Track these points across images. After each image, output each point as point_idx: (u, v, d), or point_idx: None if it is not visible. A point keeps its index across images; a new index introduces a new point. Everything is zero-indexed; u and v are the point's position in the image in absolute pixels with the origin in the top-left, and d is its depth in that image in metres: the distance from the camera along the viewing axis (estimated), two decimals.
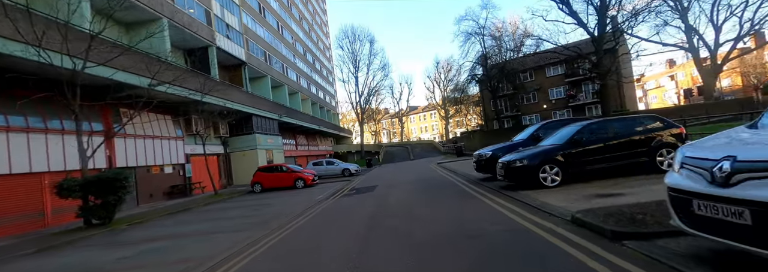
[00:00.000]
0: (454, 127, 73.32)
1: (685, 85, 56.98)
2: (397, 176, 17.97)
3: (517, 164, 7.51)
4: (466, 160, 22.36)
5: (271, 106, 28.26)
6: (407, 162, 34.05)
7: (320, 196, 13.02)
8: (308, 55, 52.40)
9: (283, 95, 38.72)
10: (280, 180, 17.20)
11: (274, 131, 28.48)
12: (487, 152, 10.00)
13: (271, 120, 28.02)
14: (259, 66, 32.34)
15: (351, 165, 23.64)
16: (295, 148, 39.45)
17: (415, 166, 25.34)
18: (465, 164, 18.66)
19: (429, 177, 14.69)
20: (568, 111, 35.77)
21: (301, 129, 40.17)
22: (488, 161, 9.79)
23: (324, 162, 23.70)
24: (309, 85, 50.33)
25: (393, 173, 21.01)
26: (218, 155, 23.14)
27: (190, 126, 19.68)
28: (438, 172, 16.93)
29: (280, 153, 28.73)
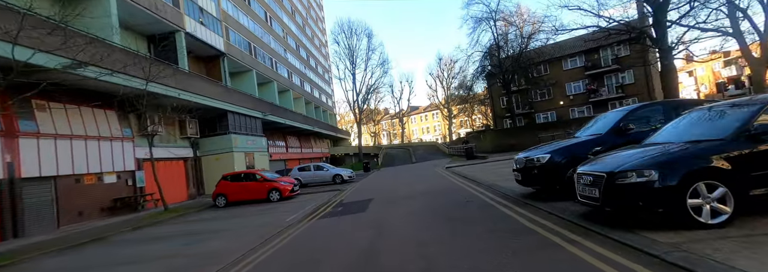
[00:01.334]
0: (458, 127, 69.66)
1: (706, 81, 53.39)
2: (398, 185, 14.30)
3: (637, 179, 3.80)
4: (480, 164, 18.69)
5: (253, 103, 24.63)
6: (409, 166, 30.37)
7: (292, 217, 9.34)
8: (301, 51, 48.86)
9: (271, 92, 35.11)
10: (249, 191, 13.54)
11: (257, 131, 24.83)
12: (542, 155, 6.31)
13: (252, 118, 24.37)
14: (243, 59, 28.75)
15: (343, 171, 19.98)
16: (285, 151, 35.79)
17: (419, 171, 21.66)
18: (484, 169, 14.96)
19: (442, 189, 10.99)
20: (588, 107, 32.11)
21: (292, 129, 36.54)
22: (545, 170, 6.11)
23: (312, 167, 20.05)
24: (302, 82, 46.75)
25: (393, 180, 17.33)
26: (185, 159, 19.47)
27: (144, 124, 16.03)
28: (450, 180, 13.24)
29: (264, 157, 25.06)
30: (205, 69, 25.74)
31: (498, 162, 17.79)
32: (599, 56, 31.36)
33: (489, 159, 19.82)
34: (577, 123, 22.97)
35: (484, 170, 14.75)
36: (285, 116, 31.57)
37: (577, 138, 6.76)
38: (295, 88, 42.55)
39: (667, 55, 12.76)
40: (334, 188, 16.52)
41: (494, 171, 13.68)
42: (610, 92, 30.88)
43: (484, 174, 12.79)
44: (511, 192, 8.03)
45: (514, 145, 24.43)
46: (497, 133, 29.73)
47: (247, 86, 29.95)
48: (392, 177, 19.27)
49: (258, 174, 13.82)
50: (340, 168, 20.57)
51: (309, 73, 51.28)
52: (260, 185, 13.47)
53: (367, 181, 18.97)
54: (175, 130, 19.08)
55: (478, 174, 13.47)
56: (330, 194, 14.10)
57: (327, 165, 20.57)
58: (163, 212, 12.84)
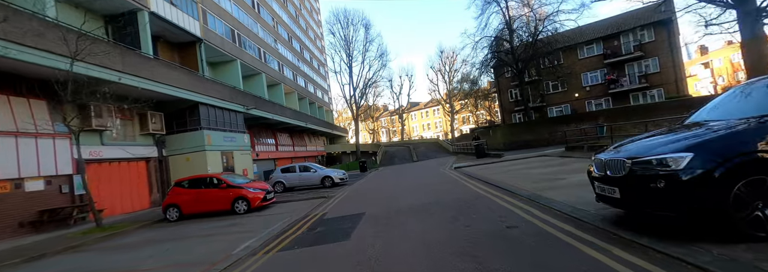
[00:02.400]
0: (460, 123, 66.73)
1: (724, 73, 50.41)
2: (399, 191, 11.38)
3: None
4: (496, 164, 15.75)
5: (233, 95, 21.66)
6: (411, 166, 27.44)
7: (245, 245, 6.44)
8: (294, 42, 45.82)
9: (258, 85, 32.12)
10: (209, 200, 10.62)
11: (238, 127, 21.88)
12: (674, 155, 3.24)
13: (232, 112, 21.41)
14: (224, 46, 25.76)
15: (334, 172, 17.05)
16: (274, 149, 32.87)
17: (422, 171, 18.75)
18: (505, 170, 11.99)
19: (459, 200, 8.04)
20: (607, 100, 29.16)
21: (283, 126, 33.60)
22: (686, 184, 3.08)
23: (297, 168, 17.11)
24: (295, 75, 43.75)
25: (393, 184, 14.41)
26: (147, 160, 16.53)
27: (87, 117, 13.09)
28: (466, 185, 10.31)
29: (246, 156, 22.12)
30: (179, 57, 22.77)
31: (518, 162, 14.87)
32: (619, 43, 28.37)
33: (505, 158, 16.88)
34: (605, 115, 20.07)
35: (506, 172, 11.82)
36: (273, 111, 28.61)
37: (702, 128, 3.66)
38: (287, 82, 39.56)
39: (759, 20, 9.74)
40: (321, 194, 13.59)
41: (522, 173, 10.76)
42: (633, 82, 27.91)
43: (511, 178, 9.86)
44: (574, 211, 5.09)
45: (529, 141, 21.56)
46: (510, 127, 26.67)
47: (231, 77, 27.00)
48: (392, 180, 16.36)
49: (218, 179, 10.84)
50: (330, 169, 17.66)
51: (303, 67, 48.27)
52: (222, 193, 10.53)
53: (362, 185, 16.05)
54: (134, 125, 16.13)
55: (501, 177, 10.54)
56: (313, 203, 11.17)
57: (315, 165, 17.65)
58: (93, 229, 9.90)
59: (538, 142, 21.14)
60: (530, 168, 11.63)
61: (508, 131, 24.72)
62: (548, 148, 18.63)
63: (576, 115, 22.27)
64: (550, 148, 18.46)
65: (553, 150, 16.81)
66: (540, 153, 16.71)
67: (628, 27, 27.76)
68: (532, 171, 10.55)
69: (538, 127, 21.82)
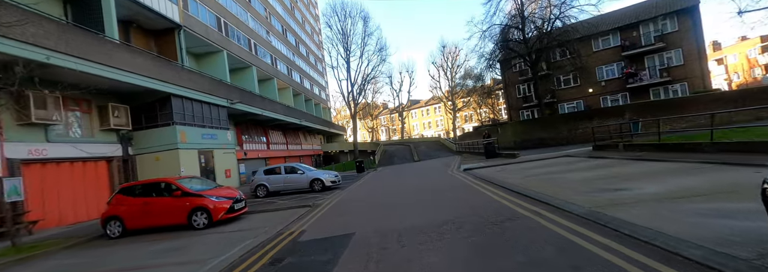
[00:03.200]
0: (462, 121, 64.54)
1: (739, 69, 48.22)
2: (401, 200, 9.19)
3: None
4: (513, 165, 13.55)
5: (214, 87, 19.43)
6: (412, 166, 25.26)
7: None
8: (289, 36, 43.57)
9: (248, 79, 29.92)
10: (160, 212, 8.41)
11: (220, 123, 19.67)
12: None
13: (213, 107, 19.20)
14: (209, 35, 23.55)
15: (325, 174, 14.83)
16: (265, 147, 30.66)
17: (426, 173, 16.56)
18: (531, 174, 9.74)
19: (492, 227, 5.82)
20: (624, 95, 26.93)
21: (275, 123, 31.40)
22: None
23: (282, 169, 14.89)
24: (290, 70, 41.52)
25: (393, 189, 12.20)
26: (109, 160, 14.33)
27: (25, 107, 10.88)
28: (489, 197, 8.09)
29: (229, 156, 19.93)
30: (156, 45, 20.56)
31: (541, 163, 12.69)
32: (639, 33, 26.14)
33: (522, 158, 14.68)
34: (632, 110, 17.83)
35: (532, 176, 9.63)
36: (262, 106, 26.40)
37: None
38: (281, 77, 37.35)
39: None
40: (307, 201, 11.39)
41: (555, 178, 8.56)
42: (653, 76, 25.67)
43: (544, 185, 7.68)
44: (714, 256, 2.88)
45: (544, 139, 19.38)
46: (522, 125, 24.33)
47: (217, 69, 24.82)
48: (391, 183, 14.16)
49: (173, 185, 8.59)
50: (321, 171, 15.44)
51: (298, 61, 46.05)
52: (177, 203, 8.32)
53: (356, 189, 13.84)
54: (92, 120, 13.91)
55: (529, 182, 8.35)
56: (293, 214, 8.97)
57: (303, 166, 15.42)
58: (8, 250, 7.68)
59: (555, 141, 18.96)
60: (563, 171, 9.44)
61: (520, 128, 22.43)
62: (569, 147, 16.45)
63: (598, 111, 19.95)
64: (571, 147, 16.29)
65: (576, 150, 14.63)
66: (562, 152, 14.52)
67: (649, 16, 25.54)
68: (569, 176, 8.36)
69: (556, 124, 19.54)
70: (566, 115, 21.77)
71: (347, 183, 17.01)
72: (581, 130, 17.42)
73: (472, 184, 10.18)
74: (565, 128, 18.50)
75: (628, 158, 10.07)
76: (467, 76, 49.05)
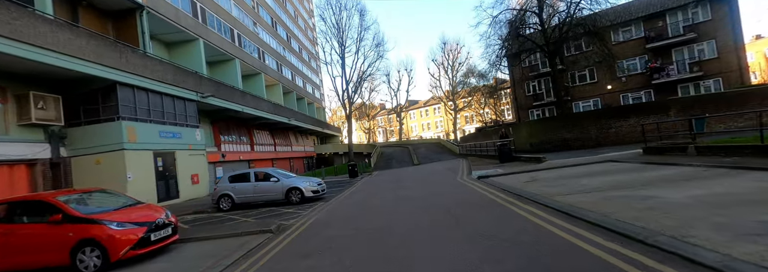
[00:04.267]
0: (463, 123, 61.79)
1: (756, 68, 45.75)
2: (403, 224, 6.31)
3: None
4: (545, 172, 10.69)
5: (178, 76, 16.48)
6: (412, 170, 22.38)
7: None
8: (280, 29, 40.71)
9: (230, 73, 27.02)
10: (29, 247, 5.45)
11: (186, 120, 16.73)
12: None
13: (177, 100, 16.26)
14: (180, 20, 20.63)
15: (305, 182, 11.86)
16: (249, 149, 27.68)
17: (430, 179, 13.67)
18: (587, 187, 6.74)
19: None
20: (648, 92, 24.22)
21: (260, 122, 28.43)
22: None
23: (252, 176, 11.94)
24: (280, 66, 38.63)
25: (392, 205, 9.27)
26: (31, 163, 11.34)
27: None
28: (548, 232, 5.18)
29: (197, 158, 16.98)
30: (114, 29, 17.61)
31: (582, 170, 9.82)
32: (665, 23, 23.44)
33: (550, 163, 11.78)
34: (679, 105, 14.97)
35: (596, 192, 6.72)
36: (243, 102, 23.44)
37: None
38: (269, 72, 34.43)
39: None
40: (271, 222, 8.45)
41: (640, 198, 5.63)
42: (681, 71, 22.95)
43: (651, 216, 4.77)
44: None
45: (568, 140, 16.54)
46: (539, 124, 21.29)
47: (191, 61, 21.92)
48: (389, 195, 11.24)
49: (51, 204, 5.63)
50: (301, 178, 12.48)
51: (290, 57, 43.15)
52: (55, 233, 5.37)
53: (343, 203, 10.91)
54: (6, 112, 10.94)
55: (602, 204, 5.45)
56: (238, 249, 6.03)
57: (279, 172, 12.44)
58: None
59: (581, 142, 16.11)
60: (636, 184, 6.56)
61: (537, 128, 19.45)
62: (602, 150, 13.62)
63: (633, 107, 16.94)
64: (605, 150, 13.46)
65: (619, 153, 11.79)
66: (601, 156, 11.68)
67: (677, 4, 22.85)
68: (662, 196, 5.45)
69: (582, 123, 16.57)
70: (595, 112, 18.83)
71: (335, 191, 14.10)
72: (614, 129, 14.65)
73: (498, 200, 7.29)
74: (594, 127, 15.66)
75: (716, 165, 7.24)
76: (470, 74, 46.31)
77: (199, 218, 10.74)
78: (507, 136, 15.88)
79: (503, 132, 16.00)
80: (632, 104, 21.09)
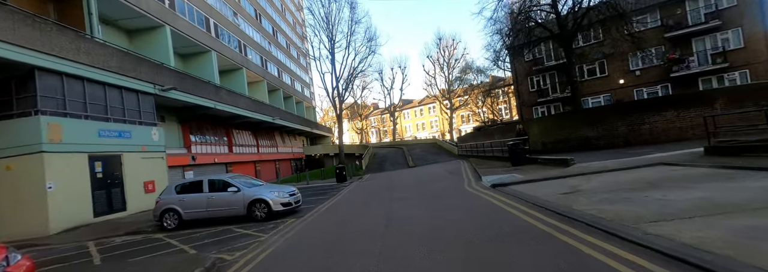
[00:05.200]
0: (459, 122, 59.60)
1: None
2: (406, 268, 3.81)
3: None
4: (574, 178, 8.29)
5: (126, 64, 13.80)
6: (408, 174, 19.97)
7: None
8: (265, 22, 38.08)
9: (206, 67, 24.39)
10: None
11: (140, 116, 14.08)
12: None
13: (128, 92, 13.61)
14: (141, 3, 17.98)
15: (274, 191, 9.30)
16: (226, 150, 25.00)
17: (432, 187, 11.24)
18: (668, 200, 4.33)
19: None
20: (665, 86, 22.08)
21: (240, 120, 25.77)
22: None
23: (205, 185, 9.39)
24: (265, 62, 35.99)
25: (383, 227, 6.80)
26: None
27: None
28: None
29: (154, 162, 14.33)
30: (56, 11, 14.97)
31: (637, 175, 7.45)
32: (685, 10, 21.32)
33: (583, 167, 9.36)
34: (724, 94, 12.62)
35: (698, 215, 4.32)
36: (217, 98, 20.79)
37: None
38: (252, 67, 31.78)
39: None
40: (207, 255, 5.95)
41: None
42: (703, 63, 20.84)
43: None
44: None
45: (590, 139, 14.16)
46: (552, 120, 18.57)
47: (156, 50, 19.32)
48: (380, 210, 8.77)
49: None
50: (270, 187, 9.94)
51: (276, 53, 40.52)
52: None
53: (321, 221, 8.41)
54: None
55: (744, 247, 3.03)
56: None
57: (242, 180, 9.87)
58: None
59: (607, 140, 13.68)
60: (755, 206, 4.16)
61: (550, 125, 16.97)
62: (636, 150, 11.29)
63: (667, 99, 14.45)
64: (641, 149, 11.13)
65: (665, 154, 9.47)
66: (643, 158, 9.33)
67: None
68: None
69: (608, 118, 13.95)
70: (622, 106, 16.33)
71: (315, 201, 11.60)
72: (647, 125, 12.38)
73: (540, 226, 4.86)
74: (623, 123, 13.29)
75: None
76: (468, 69, 44.04)
77: (128, 242, 8.16)
78: (524, 133, 13.43)
79: (520, 129, 13.54)
80: (668, 95, 18.80)
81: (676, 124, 12.01)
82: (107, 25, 18.37)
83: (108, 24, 18.53)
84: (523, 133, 13.38)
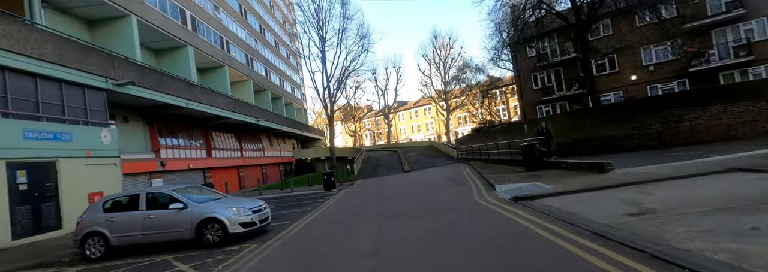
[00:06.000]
0: (456, 124, 57.71)
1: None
2: None
3: None
4: (621, 187, 6.21)
5: (67, 52, 11.61)
6: (404, 180, 17.94)
7: None
8: (251, 18, 35.98)
9: (182, 64, 22.25)
10: None
11: (88, 115, 11.90)
12: None
13: (69, 87, 11.43)
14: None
15: (230, 208, 7.20)
16: (204, 154, 22.73)
17: (435, 199, 9.20)
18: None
19: None
20: (682, 82, 20.33)
21: (219, 122, 23.53)
22: None
23: (142, 201, 7.30)
24: (250, 60, 33.84)
25: (373, 260, 4.68)
26: None
27: None
28: None
29: (104, 169, 12.11)
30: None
31: (704, 186, 5.46)
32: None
33: (631, 175, 7.32)
34: None
35: None
36: (189, 96, 18.56)
37: None
38: (236, 65, 29.61)
39: None
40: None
41: None
42: (724, 56, 19.11)
43: None
44: None
45: (614, 139, 12.11)
46: (568, 118, 15.92)
47: (121, 43, 17.20)
48: (370, 233, 6.71)
49: None
50: (229, 201, 7.82)
51: (263, 51, 38.39)
52: None
53: (288, 251, 6.33)
54: None
55: None
56: None
57: (193, 195, 7.76)
58: None
59: (637, 141, 11.50)
60: None
61: (565, 124, 14.67)
62: (677, 151, 9.35)
63: (710, 91, 12.15)
64: (682, 151, 9.18)
65: (728, 156, 7.51)
66: (700, 161, 7.38)
67: None
68: None
69: (636, 114, 11.60)
70: (655, 100, 14.21)
71: (292, 215, 9.50)
72: (688, 122, 10.45)
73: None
74: (656, 120, 11.27)
75: None
76: (465, 68, 42.20)
77: None
78: (546, 132, 11.21)
79: (542, 127, 11.33)
80: (712, 86, 16.86)
81: (723, 121, 10.11)
82: (62, 13, 16.19)
83: (62, 12, 16.35)
84: (545, 131, 11.24)
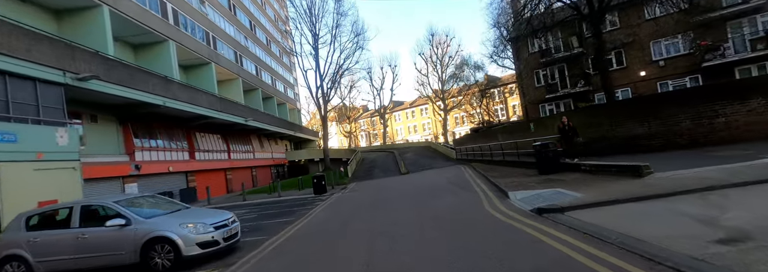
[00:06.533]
0: (453, 124, 56.47)
1: None
2: None
3: None
4: (659, 199, 4.83)
5: (14, 39, 10.14)
6: (400, 182, 16.58)
7: None
8: (241, 15, 34.51)
9: (163, 60, 20.77)
10: None
11: (40, 113, 10.45)
12: None
13: (13, 78, 9.95)
14: None
15: (184, 223, 5.82)
16: (186, 157, 21.21)
17: (437, 207, 7.86)
18: None
19: None
20: (695, 78, 19.16)
21: (205, 121, 22.01)
22: None
23: (74, 216, 5.91)
24: (239, 57, 32.36)
25: None
26: None
27: None
28: None
29: (61, 174, 10.65)
30: None
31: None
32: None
33: (680, 182, 5.99)
34: None
35: None
36: (167, 93, 17.06)
37: None
38: (223, 63, 28.12)
39: None
40: None
41: None
42: (741, 50, 17.95)
43: None
44: None
45: (638, 138, 10.68)
46: (585, 114, 14.55)
47: (92, 36, 15.72)
48: (360, 258, 5.33)
49: None
50: (187, 214, 6.42)
51: (254, 49, 36.92)
52: None
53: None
54: None
55: None
56: None
57: (134, 209, 6.30)
58: None
59: (664, 139, 10.03)
60: None
61: (580, 121, 12.87)
62: (716, 153, 8.09)
63: (747, 82, 10.83)
64: (722, 152, 7.93)
65: None
66: (749, 163, 6.11)
67: None
68: None
69: (662, 109, 10.21)
70: (683, 93, 12.76)
71: (272, 228, 8.10)
72: (724, 118, 9.18)
73: None
74: (686, 116, 9.95)
75: None
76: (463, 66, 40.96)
77: None
78: (570, 128, 9.55)
79: (564, 122, 9.74)
80: (751, 77, 15.56)
81: (765, 116, 8.86)
82: (21, 2, 14.70)
83: (30, 2, 14.90)
84: (568, 127, 9.68)
